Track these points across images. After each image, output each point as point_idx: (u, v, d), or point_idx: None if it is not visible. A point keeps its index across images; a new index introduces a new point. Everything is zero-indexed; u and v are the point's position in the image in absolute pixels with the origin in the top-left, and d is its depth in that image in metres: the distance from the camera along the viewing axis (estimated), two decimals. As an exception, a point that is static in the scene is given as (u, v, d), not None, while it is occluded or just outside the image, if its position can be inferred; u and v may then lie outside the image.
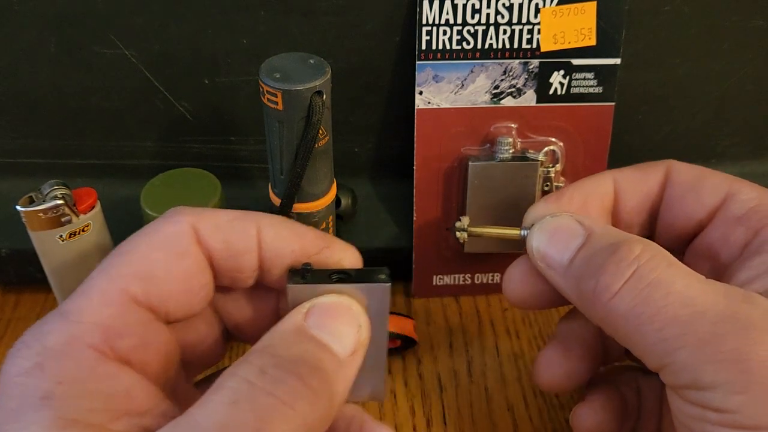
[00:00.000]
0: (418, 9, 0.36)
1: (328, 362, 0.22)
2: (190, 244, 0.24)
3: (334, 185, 0.36)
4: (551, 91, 0.38)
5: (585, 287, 0.26)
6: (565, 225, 0.29)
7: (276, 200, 0.35)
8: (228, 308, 0.28)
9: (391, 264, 0.44)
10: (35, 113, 0.40)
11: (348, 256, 0.27)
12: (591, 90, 0.38)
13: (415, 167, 0.40)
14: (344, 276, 0.25)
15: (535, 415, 0.37)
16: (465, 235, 0.34)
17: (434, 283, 0.43)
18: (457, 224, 0.34)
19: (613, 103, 0.39)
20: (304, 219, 0.35)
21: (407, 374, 0.39)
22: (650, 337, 0.24)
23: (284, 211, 0.34)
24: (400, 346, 0.39)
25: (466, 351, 0.41)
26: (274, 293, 0.27)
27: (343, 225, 0.39)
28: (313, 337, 0.23)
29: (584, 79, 0.38)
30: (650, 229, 0.32)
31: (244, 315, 0.28)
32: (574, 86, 0.38)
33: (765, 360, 0.23)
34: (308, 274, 0.25)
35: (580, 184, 0.31)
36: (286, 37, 0.38)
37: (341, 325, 0.24)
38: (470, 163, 0.38)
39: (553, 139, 0.39)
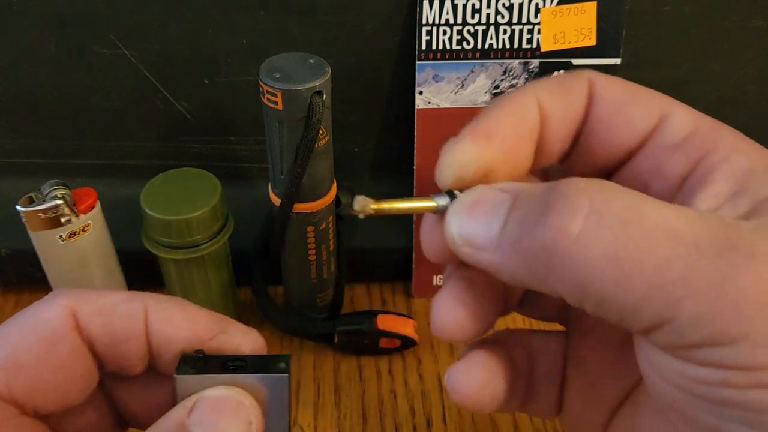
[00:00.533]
0: (418, 9, 0.36)
1: None
2: (65, 331, 0.22)
3: (334, 185, 0.36)
4: (551, 91, 0.38)
5: (530, 243, 0.20)
6: (483, 196, 0.23)
7: (276, 200, 0.35)
8: (120, 395, 0.25)
9: (391, 264, 0.44)
10: (35, 113, 0.40)
11: (247, 341, 0.24)
12: (591, 90, 0.38)
13: (415, 167, 0.40)
14: (240, 364, 0.23)
15: (535, 415, 0.37)
16: (362, 215, 0.24)
17: (434, 284, 0.43)
18: (355, 206, 0.24)
19: (613, 103, 0.39)
20: (304, 219, 0.35)
21: (407, 374, 0.39)
22: (641, 287, 0.19)
23: (285, 210, 0.34)
24: (400, 346, 0.39)
25: (466, 351, 0.41)
26: (170, 378, 0.24)
27: (343, 225, 0.39)
28: None
29: (584, 79, 0.38)
30: (567, 157, 0.26)
31: (139, 402, 0.25)
32: (574, 86, 0.38)
33: None
34: (199, 363, 0.23)
35: (505, 111, 0.24)
36: (286, 37, 0.38)
37: (228, 422, 0.22)
38: (470, 163, 0.38)
39: (553, 139, 0.39)
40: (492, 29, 0.37)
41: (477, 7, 0.36)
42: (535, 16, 0.37)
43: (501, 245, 0.21)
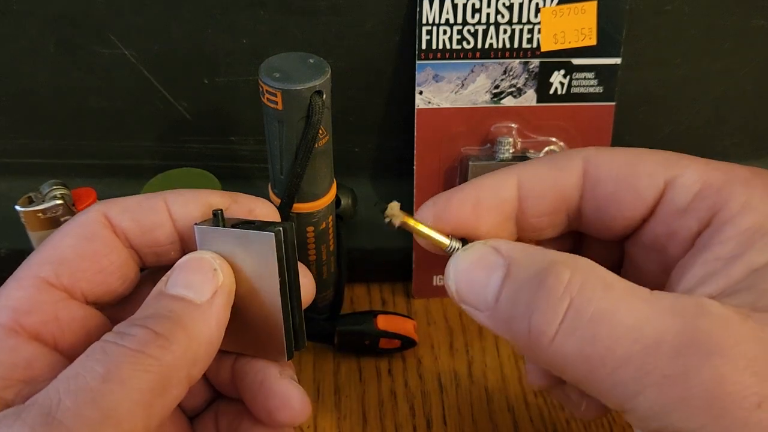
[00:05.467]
0: (418, 9, 0.36)
1: (180, 310, 0.23)
2: (99, 228, 0.26)
3: (334, 185, 0.36)
4: (551, 91, 0.38)
5: (517, 331, 0.23)
6: (480, 258, 0.25)
7: (276, 200, 0.35)
8: None
9: (391, 264, 0.44)
10: (35, 113, 0.40)
11: (258, 206, 0.28)
12: (591, 90, 0.38)
13: (415, 167, 0.40)
14: (248, 226, 0.26)
15: (536, 415, 0.37)
16: (397, 222, 0.28)
17: (434, 284, 0.43)
18: (388, 211, 0.27)
19: (613, 103, 0.39)
20: (304, 219, 0.35)
21: (407, 374, 0.39)
22: (605, 381, 0.21)
23: (284, 210, 0.34)
24: (400, 347, 0.39)
25: (466, 351, 0.41)
26: None
27: (343, 225, 0.39)
28: (168, 294, 0.24)
29: (585, 78, 0.38)
30: (570, 227, 0.29)
31: None
32: (575, 86, 0.38)
33: (740, 391, 0.20)
34: (216, 219, 0.26)
35: (477, 184, 0.27)
36: (286, 37, 0.38)
37: (193, 274, 0.25)
38: (470, 163, 0.38)
39: (554, 139, 0.39)
40: (492, 29, 0.37)
41: (477, 6, 0.36)
42: (535, 16, 0.37)
43: (494, 315, 0.24)
